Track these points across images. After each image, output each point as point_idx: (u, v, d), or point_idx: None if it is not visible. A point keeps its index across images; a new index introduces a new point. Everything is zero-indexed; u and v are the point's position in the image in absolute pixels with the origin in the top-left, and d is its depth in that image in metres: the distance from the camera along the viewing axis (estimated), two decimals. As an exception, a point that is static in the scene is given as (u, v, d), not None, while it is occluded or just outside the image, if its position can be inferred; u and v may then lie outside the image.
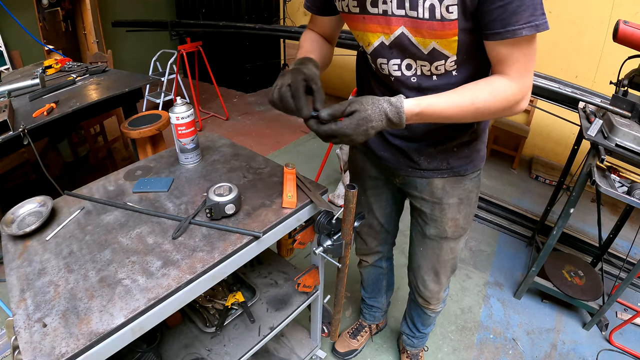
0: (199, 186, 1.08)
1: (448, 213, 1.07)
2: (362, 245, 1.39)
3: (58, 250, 0.87)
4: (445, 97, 0.77)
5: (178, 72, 3.83)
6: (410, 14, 0.75)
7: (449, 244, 1.13)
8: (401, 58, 0.84)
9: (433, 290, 1.25)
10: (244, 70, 4.75)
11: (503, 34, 0.70)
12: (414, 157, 1.01)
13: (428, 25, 0.74)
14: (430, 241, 1.15)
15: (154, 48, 4.24)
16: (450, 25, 0.73)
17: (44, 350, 0.64)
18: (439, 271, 1.20)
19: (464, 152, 0.99)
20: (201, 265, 0.81)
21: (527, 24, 0.67)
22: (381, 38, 0.83)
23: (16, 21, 3.25)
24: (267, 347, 1.47)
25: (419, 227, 1.17)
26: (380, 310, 1.64)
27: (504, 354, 1.72)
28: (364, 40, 0.88)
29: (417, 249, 1.21)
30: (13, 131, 1.65)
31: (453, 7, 0.71)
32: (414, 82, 0.87)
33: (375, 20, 0.81)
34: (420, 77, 0.86)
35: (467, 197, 1.06)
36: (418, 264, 1.23)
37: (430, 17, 0.73)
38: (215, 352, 1.10)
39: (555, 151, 3.39)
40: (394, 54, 0.84)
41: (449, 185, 1.04)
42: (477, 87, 0.77)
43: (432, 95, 0.77)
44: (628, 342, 1.79)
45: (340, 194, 2.66)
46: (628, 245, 2.21)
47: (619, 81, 1.62)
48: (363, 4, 0.80)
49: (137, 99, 2.36)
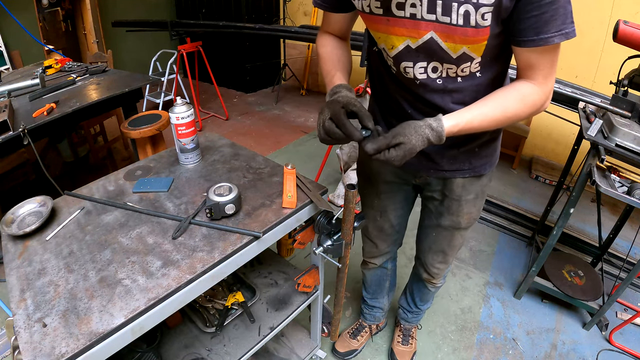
0: (199, 186, 1.08)
1: (465, 208, 1.10)
2: (373, 249, 1.39)
3: (58, 250, 0.87)
4: (479, 112, 0.79)
5: (178, 72, 3.83)
6: (442, 19, 0.73)
7: (461, 232, 1.18)
8: (427, 61, 0.82)
9: (440, 268, 1.29)
10: (244, 70, 4.75)
11: (536, 41, 0.71)
12: (436, 160, 1.01)
13: (461, 32, 0.73)
14: (443, 230, 1.17)
15: (154, 48, 4.24)
16: (483, 31, 0.72)
17: (44, 350, 0.64)
18: (448, 253, 1.24)
19: (485, 151, 1.02)
20: (201, 265, 0.81)
21: (558, 32, 0.69)
22: (407, 42, 0.80)
23: (16, 21, 3.25)
24: (267, 347, 1.47)
25: (432, 218, 1.19)
26: (381, 311, 1.64)
27: (504, 354, 1.72)
28: (387, 43, 0.84)
29: (428, 234, 1.23)
30: (13, 131, 1.65)
31: (488, 14, 0.70)
32: (440, 84, 0.86)
33: (402, 24, 0.78)
34: (445, 79, 0.85)
35: (481, 192, 1.10)
36: (428, 246, 1.26)
37: (465, 24, 0.72)
38: (215, 352, 1.10)
39: (555, 151, 3.39)
40: (420, 58, 0.82)
41: (469, 183, 1.06)
42: (507, 96, 0.79)
43: (467, 110, 0.79)
44: (628, 342, 1.79)
45: (340, 194, 2.66)
46: (628, 245, 2.21)
47: (619, 81, 1.62)
48: (388, 5, 0.77)
49: (137, 99, 2.35)
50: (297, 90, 4.96)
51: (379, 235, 1.33)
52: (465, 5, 0.69)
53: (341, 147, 2.50)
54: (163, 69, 4.03)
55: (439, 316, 1.88)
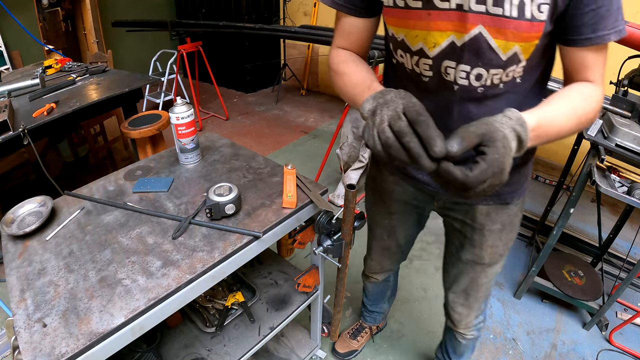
0: (199, 186, 1.08)
1: (489, 240, 0.97)
2: (376, 266, 1.33)
3: (58, 250, 0.87)
4: (553, 112, 0.66)
5: (178, 72, 3.83)
6: (494, 10, 0.63)
7: (484, 269, 1.04)
8: (472, 66, 0.70)
9: (462, 313, 1.17)
10: (244, 70, 4.75)
11: (593, 39, 0.65)
12: None
13: (514, 26, 0.63)
14: (465, 265, 1.06)
15: (154, 48, 4.24)
16: (538, 26, 0.64)
17: (44, 350, 0.64)
18: (470, 294, 1.11)
19: (513, 177, 0.84)
20: (201, 265, 0.81)
21: (613, 30, 0.64)
22: (451, 37, 0.69)
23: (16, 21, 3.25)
24: (267, 347, 1.47)
25: (453, 249, 1.08)
26: (382, 314, 1.63)
27: (504, 354, 1.72)
28: (427, 41, 0.71)
29: (450, 270, 1.13)
30: (13, 131, 1.65)
31: (545, 5, 0.62)
32: (480, 93, 0.75)
33: (445, 16, 0.67)
34: (488, 87, 0.74)
35: (510, 223, 0.97)
36: (449, 285, 1.16)
37: (519, 16, 0.62)
38: (215, 352, 1.10)
39: (555, 151, 3.39)
40: (465, 59, 0.70)
41: (494, 212, 0.94)
42: (572, 97, 0.69)
43: (546, 120, 0.64)
44: (628, 342, 1.79)
45: (340, 194, 2.66)
46: (628, 245, 2.21)
47: (619, 81, 1.62)
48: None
49: (137, 99, 2.36)
50: (297, 90, 4.96)
51: (383, 254, 1.26)
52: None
53: (341, 147, 2.50)
54: (163, 69, 4.03)
55: (439, 316, 1.88)
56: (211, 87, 4.35)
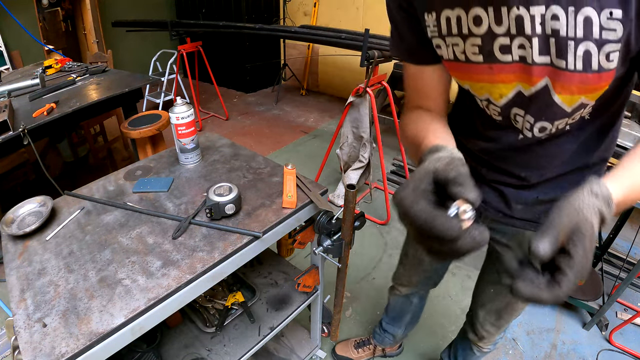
0: (199, 186, 1.08)
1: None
2: (403, 277, 1.27)
3: (58, 250, 0.87)
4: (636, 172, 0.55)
5: (178, 72, 3.83)
6: (557, 63, 0.55)
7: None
8: (536, 118, 0.65)
9: (490, 331, 1.14)
10: (244, 70, 4.76)
11: None
12: (511, 202, 0.84)
13: (580, 79, 0.55)
14: (503, 288, 1.01)
15: (154, 48, 4.25)
16: (607, 75, 0.55)
17: (44, 350, 0.64)
18: (502, 316, 1.08)
19: None
20: (201, 265, 0.81)
21: None
22: (518, 87, 0.62)
23: (16, 21, 3.25)
24: (267, 347, 1.47)
25: (494, 271, 1.03)
26: (392, 338, 1.55)
27: (504, 354, 1.72)
28: (492, 93, 0.66)
29: (486, 289, 1.08)
30: (13, 131, 1.65)
31: (615, 53, 0.52)
32: (544, 139, 0.70)
33: (509, 69, 0.61)
34: (553, 133, 0.69)
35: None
36: (483, 303, 1.11)
37: (584, 69, 0.54)
38: (215, 352, 1.10)
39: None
40: (532, 110, 0.65)
41: None
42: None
43: (630, 191, 0.53)
44: (628, 342, 1.79)
45: (340, 194, 2.66)
46: (628, 245, 2.21)
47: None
48: (490, 50, 0.59)
49: (137, 99, 2.36)
50: (297, 90, 4.96)
51: (415, 267, 1.20)
52: (585, 43, 0.52)
53: (341, 147, 2.50)
54: (163, 69, 4.03)
55: (439, 316, 1.88)
56: (211, 87, 4.35)
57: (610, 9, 0.48)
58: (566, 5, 0.50)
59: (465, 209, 0.46)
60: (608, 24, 0.50)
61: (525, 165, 0.78)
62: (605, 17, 0.49)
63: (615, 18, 0.49)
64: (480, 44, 0.60)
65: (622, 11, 0.48)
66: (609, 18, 0.49)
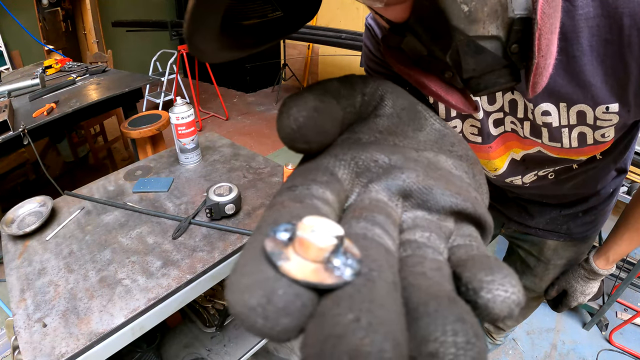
0: (199, 186, 1.08)
1: (551, 274, 0.95)
2: None
3: (58, 250, 0.87)
4: (626, 242, 0.77)
5: (178, 72, 3.83)
6: (551, 144, 0.55)
7: (540, 296, 1.03)
8: (537, 169, 0.65)
9: (508, 325, 1.18)
10: (244, 70, 4.75)
11: None
12: (533, 213, 0.86)
13: (577, 152, 0.56)
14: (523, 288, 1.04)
15: (154, 48, 4.24)
16: (605, 144, 0.55)
17: (44, 350, 0.64)
18: (521, 313, 1.11)
19: (590, 216, 0.82)
20: (201, 265, 0.81)
21: None
22: (510, 156, 0.63)
23: (16, 21, 3.25)
24: (267, 347, 1.47)
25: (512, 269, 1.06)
26: None
27: (504, 354, 1.72)
28: (489, 167, 0.68)
29: None
30: (13, 131, 1.65)
31: (610, 129, 0.50)
32: (551, 179, 0.70)
33: (501, 141, 0.61)
34: (559, 173, 0.69)
35: (576, 259, 0.93)
36: None
37: (580, 145, 0.54)
38: (215, 352, 1.10)
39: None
40: (529, 168, 0.65)
41: (562, 248, 0.90)
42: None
43: (620, 254, 0.78)
44: (628, 342, 1.79)
45: (340, 194, 2.66)
46: (628, 245, 2.21)
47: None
48: (487, 131, 0.59)
49: (137, 99, 2.35)
50: (297, 90, 4.93)
51: None
52: (580, 127, 0.50)
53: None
54: (163, 69, 4.03)
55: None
56: (211, 87, 4.35)
57: (606, 104, 0.46)
58: (557, 102, 0.48)
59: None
60: (604, 117, 0.48)
61: (540, 195, 0.81)
62: (601, 112, 0.47)
63: (612, 112, 0.46)
64: (480, 127, 0.60)
65: (619, 104, 0.46)
66: (605, 112, 0.47)
